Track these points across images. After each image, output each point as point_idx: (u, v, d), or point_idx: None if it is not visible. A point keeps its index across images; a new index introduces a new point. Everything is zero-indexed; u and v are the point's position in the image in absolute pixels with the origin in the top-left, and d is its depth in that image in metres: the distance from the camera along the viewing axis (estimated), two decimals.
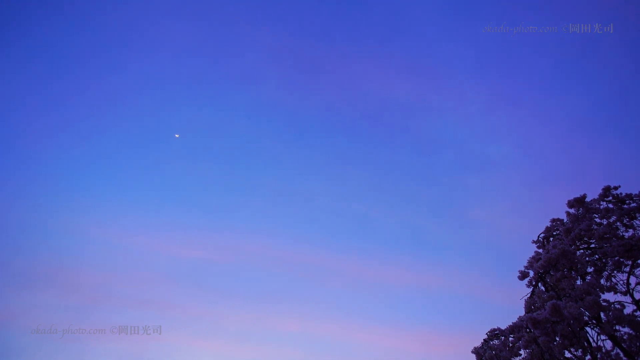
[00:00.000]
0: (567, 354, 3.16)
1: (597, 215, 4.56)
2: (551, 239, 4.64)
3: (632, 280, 4.36)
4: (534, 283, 3.70)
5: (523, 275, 3.78)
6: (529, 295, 3.50)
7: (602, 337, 3.85)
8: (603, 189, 4.63)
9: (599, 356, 3.45)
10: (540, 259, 3.42)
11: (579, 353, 3.29)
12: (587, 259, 3.78)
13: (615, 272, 4.40)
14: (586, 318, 3.71)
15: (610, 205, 4.64)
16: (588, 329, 3.80)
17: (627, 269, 4.29)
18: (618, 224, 4.39)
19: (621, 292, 4.36)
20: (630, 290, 4.32)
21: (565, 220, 4.79)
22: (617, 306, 3.48)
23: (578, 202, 4.28)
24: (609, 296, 4.20)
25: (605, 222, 4.42)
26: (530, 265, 3.73)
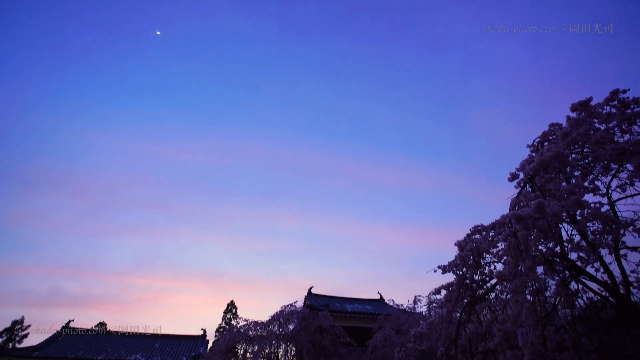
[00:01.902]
0: (541, 247, 3.48)
1: (597, 121, 4.49)
2: (546, 143, 4.65)
3: (614, 183, 4.55)
4: (522, 185, 3.85)
5: (513, 177, 3.90)
6: (515, 195, 3.67)
7: (574, 233, 4.22)
8: (610, 93, 4.46)
9: (568, 247, 3.84)
10: (533, 161, 3.48)
11: (551, 245, 3.64)
12: (579, 163, 3.86)
13: (600, 176, 4.56)
14: (564, 215, 3.98)
15: (614, 110, 4.53)
16: (563, 225, 4.13)
17: (613, 172, 4.43)
18: (616, 129, 4.36)
19: (600, 195, 4.60)
20: (610, 192, 4.54)
21: (564, 125, 4.74)
22: (597, 205, 3.70)
23: (582, 106, 4.15)
24: (588, 197, 4.43)
25: (603, 127, 4.38)
26: (522, 167, 3.82)
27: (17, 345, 35.22)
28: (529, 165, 3.55)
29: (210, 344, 25.11)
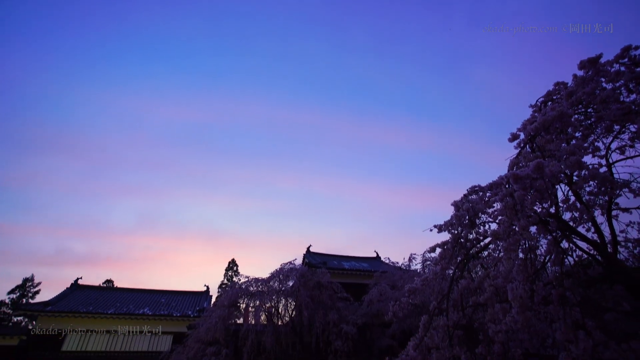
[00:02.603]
0: (536, 207, 3.54)
1: (604, 80, 4.34)
2: (549, 103, 4.55)
3: (614, 145, 4.52)
4: (522, 145, 3.81)
5: (513, 137, 3.86)
6: (514, 156, 3.65)
7: (570, 194, 4.27)
8: (622, 49, 4.27)
9: (562, 207, 3.90)
10: (535, 121, 3.41)
11: (546, 205, 3.69)
12: (582, 124, 3.80)
13: (601, 137, 4.51)
14: (561, 177, 4.00)
15: (623, 69, 4.37)
16: (560, 186, 4.16)
17: (614, 134, 4.38)
18: (623, 88, 4.24)
19: (599, 157, 4.59)
20: (609, 154, 4.53)
21: (569, 84, 4.60)
22: (596, 166, 3.71)
23: (590, 63, 4.00)
24: (587, 159, 4.43)
25: (610, 87, 4.26)
26: (523, 127, 3.76)
27: (31, 301, 36.97)
28: (531, 125, 3.49)
29: (213, 300, 26.39)
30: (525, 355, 3.50)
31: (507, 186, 3.24)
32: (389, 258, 22.59)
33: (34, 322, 21.47)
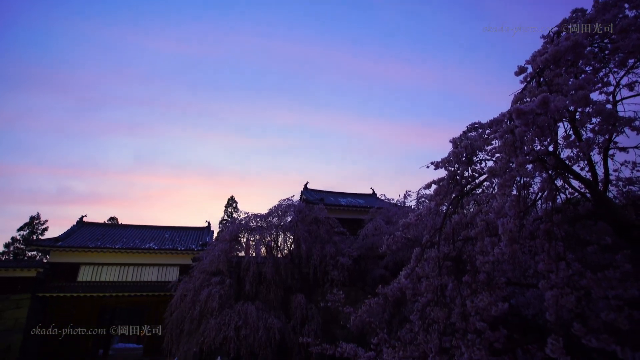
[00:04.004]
0: (535, 145, 3.50)
1: (628, 6, 3.97)
2: (563, 33, 4.22)
3: (624, 81, 4.32)
4: (528, 79, 3.63)
5: (520, 71, 3.65)
6: (519, 91, 3.50)
7: (571, 132, 4.19)
8: None
9: (561, 144, 3.87)
10: (546, 52, 3.19)
11: (546, 142, 3.65)
12: (596, 56, 3.57)
13: (612, 71, 4.28)
14: (564, 114, 3.89)
15: None
16: (562, 123, 4.07)
17: (627, 68, 4.16)
18: None
19: (605, 93, 4.41)
20: (616, 90, 4.35)
21: (588, 12, 4.22)
22: (602, 102, 3.58)
23: None
24: (592, 96, 4.27)
25: (633, 14, 3.91)
26: (532, 59, 3.54)
27: (41, 237, 38.63)
28: (541, 57, 3.28)
29: (215, 235, 27.68)
30: (508, 283, 3.77)
31: (508, 122, 3.15)
32: (384, 195, 23.21)
33: (47, 257, 22.71)
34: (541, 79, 3.57)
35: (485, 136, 3.95)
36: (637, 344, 2.54)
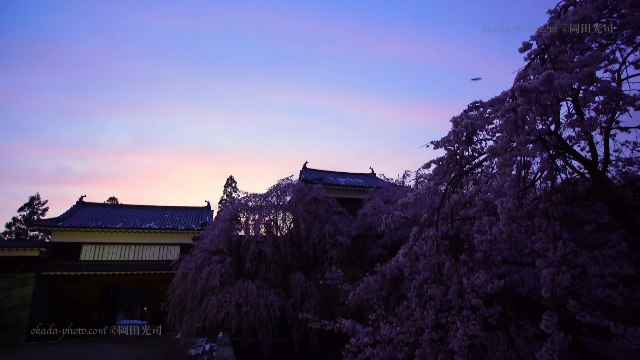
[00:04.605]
0: (537, 124, 3.45)
1: None
2: (571, 8, 4.08)
3: (630, 58, 4.21)
4: (533, 56, 3.54)
5: (525, 47, 3.55)
6: (523, 68, 3.42)
7: (573, 111, 4.13)
8: None
9: (563, 123, 3.82)
10: (552, 27, 3.09)
11: (548, 122, 3.60)
12: (603, 31, 3.46)
13: (619, 48, 4.17)
14: (568, 92, 3.81)
15: None
16: (566, 102, 4.00)
17: (635, 45, 4.04)
18: None
19: (611, 71, 4.31)
20: (621, 68, 4.25)
21: None
22: (608, 79, 3.50)
23: None
24: (598, 74, 4.17)
25: None
26: (538, 35, 3.43)
27: (41, 217, 38.86)
28: (546, 33, 3.18)
29: (214, 214, 27.86)
30: (504, 261, 3.82)
31: (510, 101, 3.10)
32: (383, 175, 23.24)
33: (49, 237, 22.93)
34: (546, 56, 3.48)
35: (487, 115, 3.89)
36: (628, 320, 2.60)
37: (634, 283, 3.02)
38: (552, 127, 4.04)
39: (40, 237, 32.18)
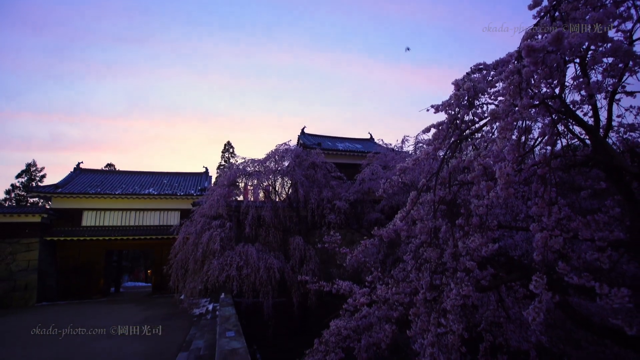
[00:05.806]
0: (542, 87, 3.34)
1: None
2: None
3: None
4: (542, 14, 3.35)
5: (535, 4, 3.33)
6: (531, 27, 3.24)
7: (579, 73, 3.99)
8: None
9: (568, 87, 3.71)
10: None
11: (553, 85, 3.49)
12: None
13: (634, 7, 3.95)
14: (577, 52, 3.66)
15: None
16: (573, 65, 3.86)
17: None
18: None
19: (623, 31, 4.11)
20: (638, 25, 4.05)
21: None
22: (620, 39, 3.34)
23: None
24: (610, 33, 3.99)
25: None
26: None
27: (40, 184, 38.89)
28: None
29: (213, 180, 27.94)
30: (499, 226, 3.88)
31: (515, 63, 2.97)
32: (382, 140, 23.07)
33: (49, 203, 23.09)
34: (556, 14, 3.29)
35: (490, 78, 3.77)
36: (613, 281, 2.69)
37: (622, 247, 3.09)
38: (557, 91, 3.93)
39: (40, 204, 32.45)
